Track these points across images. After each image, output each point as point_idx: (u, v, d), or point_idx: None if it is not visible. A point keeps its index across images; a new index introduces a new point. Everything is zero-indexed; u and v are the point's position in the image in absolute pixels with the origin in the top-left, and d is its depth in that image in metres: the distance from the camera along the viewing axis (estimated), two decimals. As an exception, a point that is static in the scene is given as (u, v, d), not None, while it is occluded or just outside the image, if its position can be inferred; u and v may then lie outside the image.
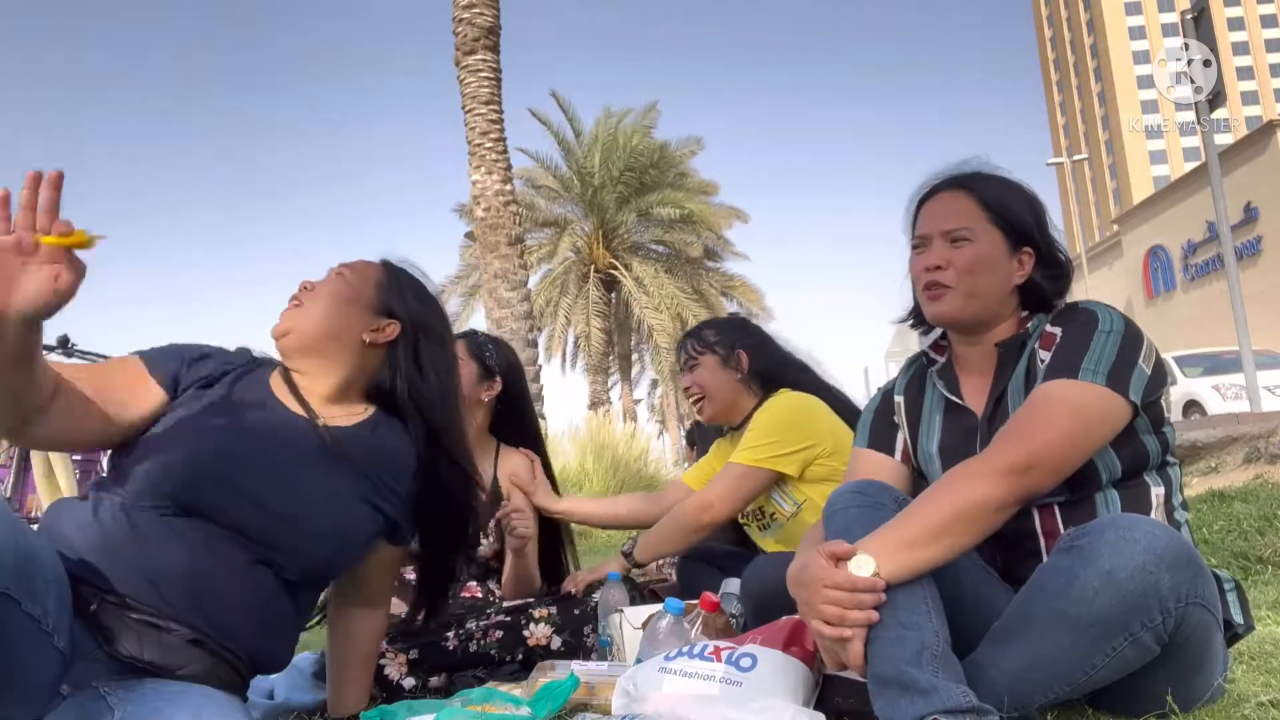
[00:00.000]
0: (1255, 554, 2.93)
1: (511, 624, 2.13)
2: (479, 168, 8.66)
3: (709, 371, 2.47)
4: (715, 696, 1.44)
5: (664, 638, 1.70)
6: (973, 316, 1.60)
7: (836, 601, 1.29)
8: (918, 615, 1.30)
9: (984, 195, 1.60)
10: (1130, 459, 1.50)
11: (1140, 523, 1.30)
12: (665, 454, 15.51)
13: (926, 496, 1.39)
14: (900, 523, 1.35)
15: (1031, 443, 1.37)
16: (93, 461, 5.14)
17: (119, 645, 1.27)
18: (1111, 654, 1.30)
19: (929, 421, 1.69)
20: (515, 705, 1.50)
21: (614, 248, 23.24)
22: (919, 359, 1.76)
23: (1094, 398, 1.41)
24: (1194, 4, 8.79)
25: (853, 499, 1.44)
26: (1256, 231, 25.74)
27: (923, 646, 1.27)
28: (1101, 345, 1.45)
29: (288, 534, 1.42)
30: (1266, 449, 4.58)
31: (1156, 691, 1.39)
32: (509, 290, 8.57)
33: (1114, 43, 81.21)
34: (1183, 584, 1.28)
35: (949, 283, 1.57)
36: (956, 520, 1.33)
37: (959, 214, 1.59)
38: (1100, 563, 1.26)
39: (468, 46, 8.65)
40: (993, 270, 1.58)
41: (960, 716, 1.22)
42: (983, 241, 1.57)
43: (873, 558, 1.30)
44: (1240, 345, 8.44)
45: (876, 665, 1.29)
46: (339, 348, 1.57)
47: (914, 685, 1.25)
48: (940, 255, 1.58)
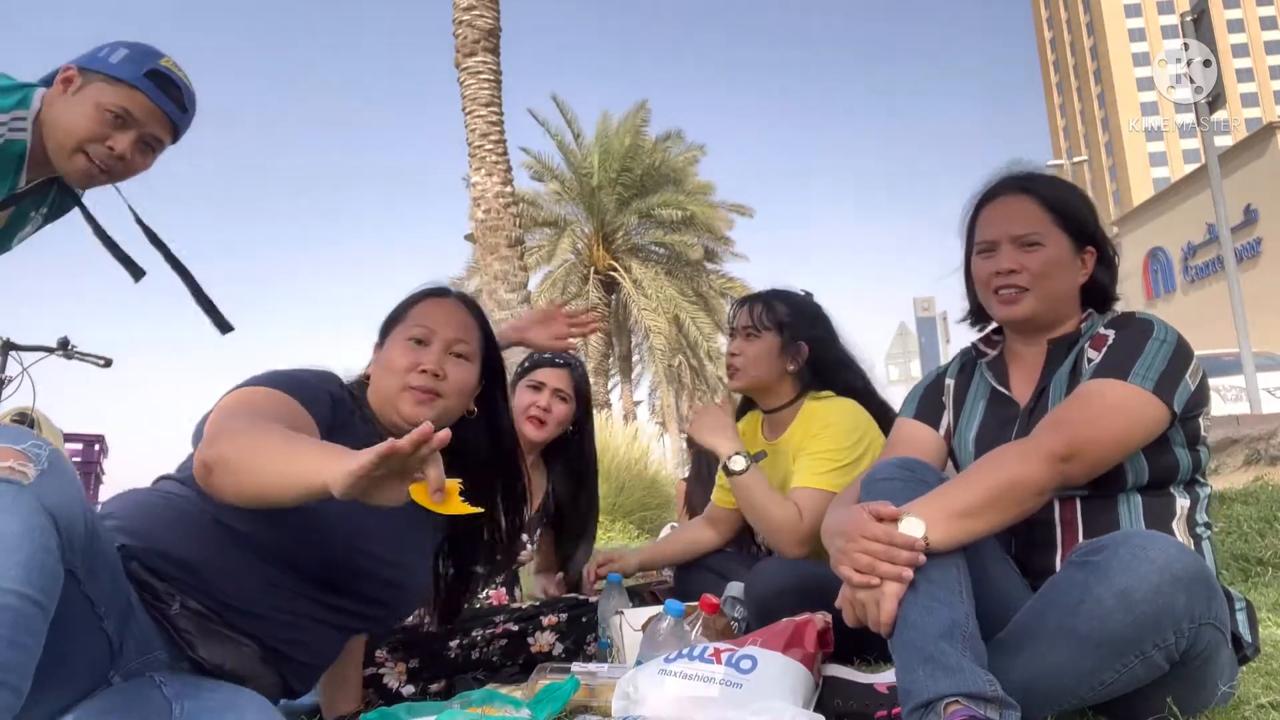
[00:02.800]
0: (1255, 555, 2.93)
1: (518, 633, 2.11)
2: (479, 169, 8.66)
3: (765, 350, 2.33)
4: (715, 698, 1.44)
5: (664, 639, 1.70)
6: (1045, 317, 1.64)
7: (871, 552, 1.31)
8: (951, 593, 1.30)
9: (1047, 198, 1.64)
10: (1159, 468, 1.51)
11: (1156, 540, 1.29)
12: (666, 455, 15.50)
13: (973, 471, 1.43)
14: (948, 493, 1.37)
15: (1076, 433, 1.41)
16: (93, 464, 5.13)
17: (200, 650, 1.31)
18: (1121, 671, 1.29)
19: (972, 408, 1.73)
20: (515, 707, 1.50)
21: (614, 250, 23.24)
22: (970, 351, 1.80)
23: (1141, 401, 1.45)
24: (1194, 6, 8.81)
25: (897, 471, 1.46)
26: (1256, 233, 25.74)
27: (954, 624, 1.27)
28: (1154, 353, 1.49)
29: (394, 604, 1.53)
30: (1266, 451, 4.58)
31: (1160, 701, 1.38)
32: (509, 292, 8.56)
33: (1114, 45, 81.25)
34: (1197, 605, 1.27)
35: (1025, 285, 1.61)
36: (1001, 496, 1.36)
37: (1027, 218, 1.62)
38: (1115, 581, 1.26)
39: (468, 49, 8.64)
40: (1063, 272, 1.62)
41: (983, 704, 1.20)
42: (1052, 245, 1.61)
43: (922, 521, 1.31)
44: (1240, 347, 8.44)
45: (905, 632, 1.28)
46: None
47: (941, 661, 1.23)
48: (1012, 259, 1.61)
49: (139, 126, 1.75)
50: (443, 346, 1.57)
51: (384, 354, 1.60)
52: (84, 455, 5.07)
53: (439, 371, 1.55)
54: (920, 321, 14.89)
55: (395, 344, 1.59)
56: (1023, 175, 1.70)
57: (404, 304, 1.66)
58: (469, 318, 1.64)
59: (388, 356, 1.58)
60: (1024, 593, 1.48)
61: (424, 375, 1.53)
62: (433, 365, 1.54)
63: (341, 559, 1.42)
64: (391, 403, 1.55)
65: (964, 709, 1.18)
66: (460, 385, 1.58)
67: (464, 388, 1.59)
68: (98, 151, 1.72)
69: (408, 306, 1.65)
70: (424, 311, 1.62)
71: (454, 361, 1.58)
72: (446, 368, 1.56)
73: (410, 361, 1.55)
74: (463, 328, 1.61)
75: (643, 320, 22.01)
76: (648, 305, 21.79)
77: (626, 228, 23.34)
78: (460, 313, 1.64)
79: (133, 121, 1.73)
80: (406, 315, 1.63)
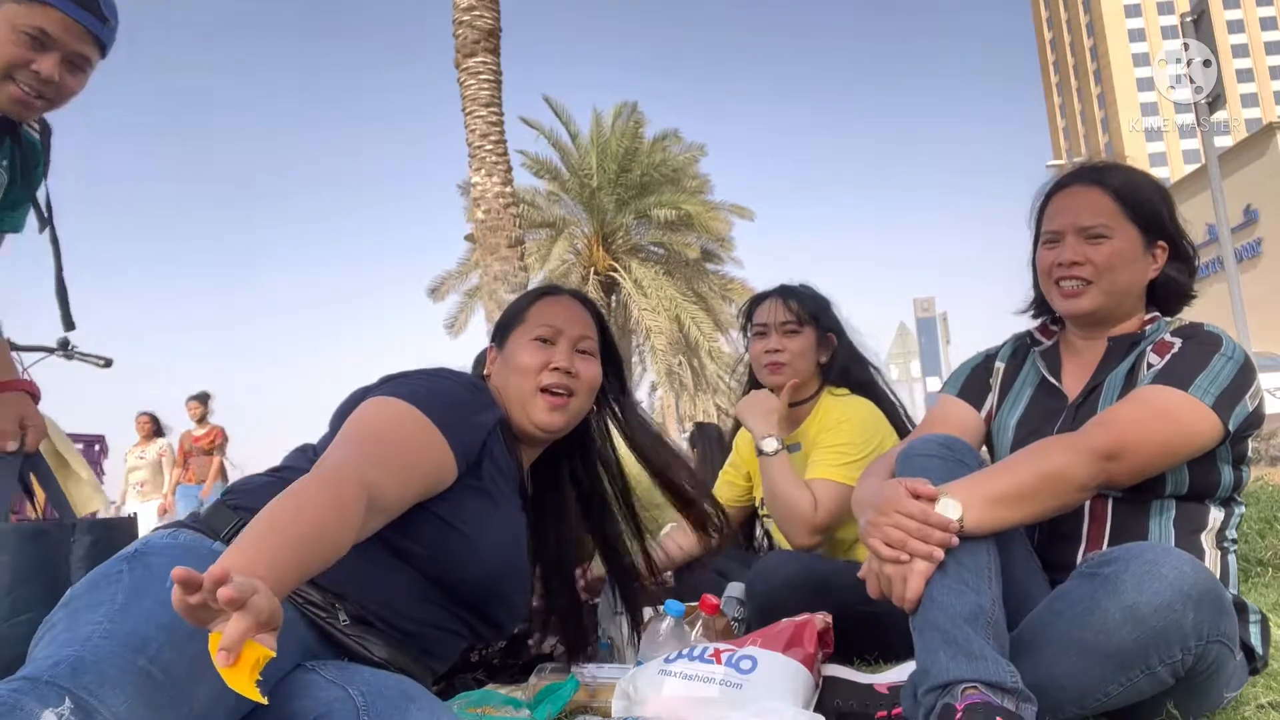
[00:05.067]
0: (1256, 556, 2.93)
1: (519, 635, 2.10)
2: (479, 170, 8.66)
3: (807, 344, 2.34)
4: (715, 699, 1.44)
5: (664, 640, 1.70)
6: (1108, 312, 1.60)
7: (903, 528, 1.29)
8: (980, 579, 1.29)
9: (1118, 189, 1.58)
10: (1201, 482, 1.49)
11: (1170, 556, 1.28)
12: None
13: (1015, 459, 1.41)
14: (988, 478, 1.35)
15: (1125, 434, 1.39)
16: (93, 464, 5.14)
17: (374, 651, 1.29)
18: (1126, 685, 1.28)
19: (1018, 394, 1.71)
20: (515, 708, 1.50)
21: (613, 250, 23.23)
22: (1025, 337, 1.78)
23: (1198, 414, 1.41)
24: (1194, 6, 8.80)
25: (937, 449, 1.44)
26: (1256, 234, 25.78)
27: (980, 610, 1.26)
28: (1219, 368, 1.45)
29: (505, 626, 1.54)
30: (1267, 451, 4.59)
31: (1161, 706, 1.37)
32: (509, 293, 8.56)
33: (1114, 45, 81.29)
34: (1205, 622, 1.26)
35: (1089, 277, 1.56)
36: (1042, 487, 1.34)
37: (1094, 209, 1.57)
38: (1124, 595, 1.24)
39: (468, 49, 8.65)
40: (1129, 266, 1.57)
41: (1001, 694, 1.18)
42: (1119, 238, 1.56)
43: (960, 503, 1.30)
44: (1240, 347, 8.42)
45: (930, 612, 1.27)
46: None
47: (964, 645, 1.22)
48: (1077, 251, 1.57)
49: (60, 46, 1.66)
50: (570, 344, 1.56)
51: (509, 357, 1.57)
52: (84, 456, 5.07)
53: (571, 369, 1.53)
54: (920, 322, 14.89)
55: (521, 346, 1.56)
56: (1097, 165, 1.65)
57: (520, 305, 1.65)
58: (587, 315, 1.63)
59: (515, 359, 1.55)
60: (1044, 590, 1.47)
61: (556, 374, 1.52)
62: (565, 363, 1.53)
63: (490, 584, 1.42)
64: (523, 407, 1.52)
65: (981, 695, 1.17)
66: (591, 382, 1.57)
67: (594, 384, 1.58)
68: (24, 77, 1.65)
69: (525, 307, 1.63)
70: (545, 311, 1.60)
71: (582, 359, 1.56)
72: (576, 365, 1.55)
73: (541, 361, 1.53)
74: (585, 324, 1.60)
75: (644, 321, 21.99)
76: (648, 306, 21.78)
77: (626, 228, 23.33)
78: (580, 309, 1.62)
79: (52, 42, 1.65)
80: (526, 316, 1.61)
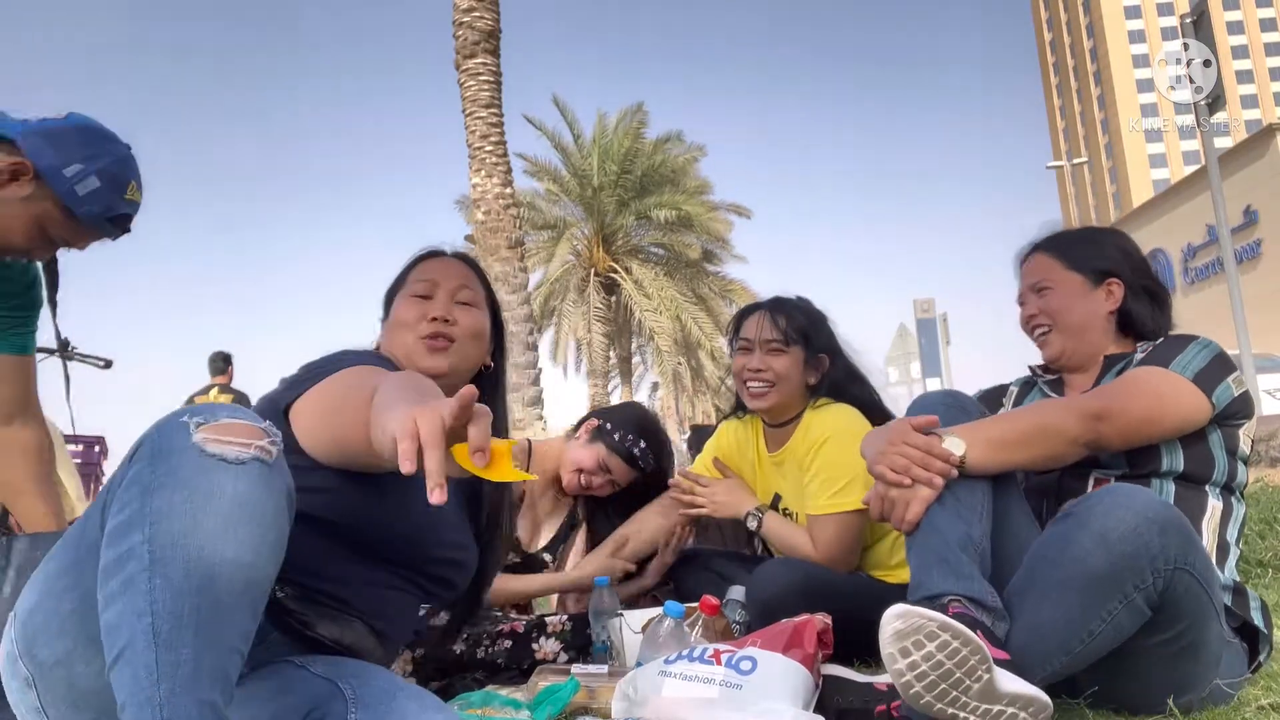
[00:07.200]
0: (1256, 557, 2.93)
1: (523, 636, 2.11)
2: (479, 171, 8.68)
3: (793, 365, 2.23)
4: (715, 700, 1.44)
5: (664, 641, 1.70)
6: (1075, 352, 1.80)
7: (909, 456, 1.47)
8: (973, 513, 1.45)
9: (1054, 247, 1.87)
10: (1195, 461, 1.60)
11: (1139, 492, 1.39)
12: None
13: (1016, 412, 1.70)
14: (990, 424, 1.55)
15: (1112, 398, 1.56)
16: (94, 465, 5.13)
17: (319, 629, 1.29)
18: (1107, 619, 1.34)
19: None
20: (515, 709, 1.50)
21: (614, 251, 23.24)
22: (1032, 374, 1.97)
23: (1178, 386, 1.57)
24: (1193, 7, 8.81)
25: (942, 398, 1.63)
26: (1256, 235, 25.77)
27: (970, 539, 1.43)
28: (1194, 353, 1.62)
29: (455, 582, 1.50)
30: (1267, 452, 4.59)
31: (1153, 679, 1.41)
32: (509, 293, 8.58)
33: (1114, 46, 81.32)
34: (1171, 546, 1.34)
35: (1046, 324, 1.82)
36: (1035, 435, 1.52)
37: (1037, 269, 1.87)
38: (1093, 525, 1.35)
39: (468, 50, 8.66)
40: (1078, 304, 1.79)
41: (980, 610, 1.35)
42: (1060, 285, 1.81)
43: (963, 442, 1.47)
44: (1240, 349, 8.43)
45: (928, 535, 1.44)
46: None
47: (955, 566, 1.39)
48: (1032, 305, 1.85)
49: (75, 245, 1.82)
50: (448, 295, 1.57)
51: (392, 320, 1.58)
52: (85, 457, 5.08)
53: (448, 317, 1.54)
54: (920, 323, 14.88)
55: (400, 304, 1.58)
56: (1043, 237, 1.92)
57: (402, 271, 1.67)
58: (468, 269, 1.65)
59: (395, 317, 1.57)
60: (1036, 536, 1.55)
61: (434, 322, 1.53)
62: (441, 312, 1.54)
63: (419, 538, 1.41)
64: (410, 359, 1.53)
65: (963, 608, 1.34)
66: (472, 329, 1.57)
67: (477, 330, 1.58)
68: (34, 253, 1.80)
69: (406, 271, 1.66)
70: (423, 269, 1.63)
71: (461, 309, 1.57)
72: (455, 314, 1.56)
73: (418, 313, 1.54)
74: (464, 276, 1.62)
75: (646, 321, 22.01)
76: (650, 306, 21.79)
77: (626, 229, 23.34)
78: (458, 264, 1.64)
79: (72, 245, 1.81)
80: (406, 278, 1.63)
